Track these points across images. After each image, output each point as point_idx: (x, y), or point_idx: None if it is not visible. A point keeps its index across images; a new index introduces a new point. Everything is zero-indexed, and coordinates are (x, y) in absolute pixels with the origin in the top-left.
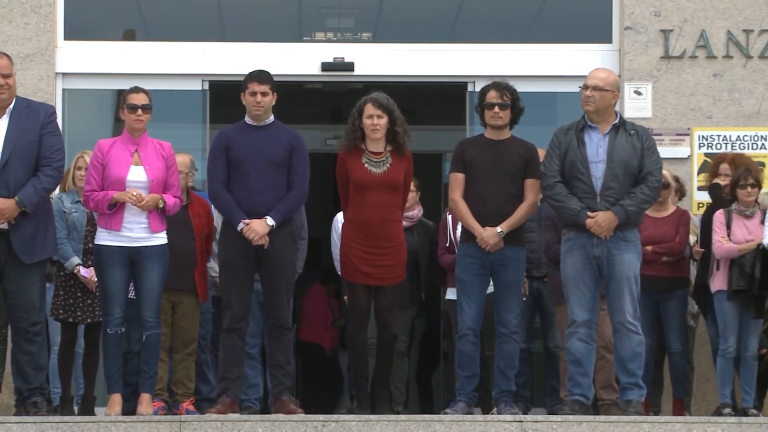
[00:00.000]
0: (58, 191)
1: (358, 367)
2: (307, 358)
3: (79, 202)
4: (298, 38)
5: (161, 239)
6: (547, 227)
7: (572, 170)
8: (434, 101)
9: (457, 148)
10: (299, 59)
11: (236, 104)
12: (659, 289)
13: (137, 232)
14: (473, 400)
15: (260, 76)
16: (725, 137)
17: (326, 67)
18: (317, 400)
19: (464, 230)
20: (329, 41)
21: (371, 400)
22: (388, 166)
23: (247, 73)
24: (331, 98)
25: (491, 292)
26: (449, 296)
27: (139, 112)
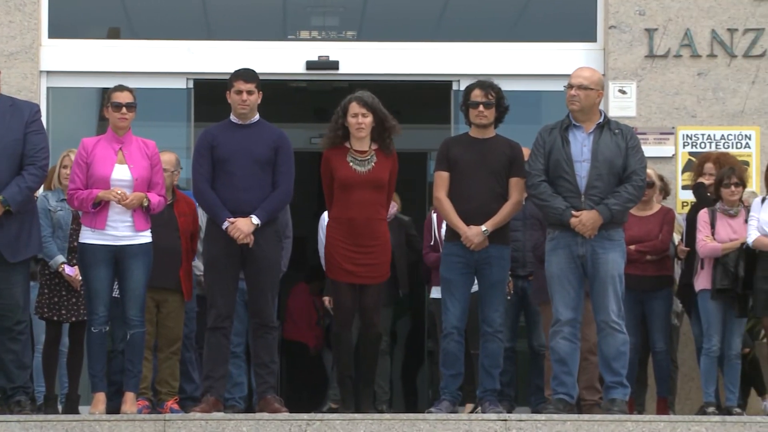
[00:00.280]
0: (42, 189)
1: (342, 366)
2: (291, 356)
3: (64, 200)
4: (282, 37)
5: (146, 238)
6: (533, 226)
7: (557, 169)
8: (419, 100)
9: (441, 146)
10: (284, 58)
11: (221, 103)
12: (643, 288)
13: (121, 230)
14: (457, 398)
15: (246, 74)
16: (709, 136)
17: (311, 65)
18: (302, 398)
19: (449, 229)
20: (314, 40)
21: (356, 398)
22: (373, 164)
23: (232, 71)
24: (315, 97)
25: (476, 290)
26: (434, 295)
27: (123, 110)
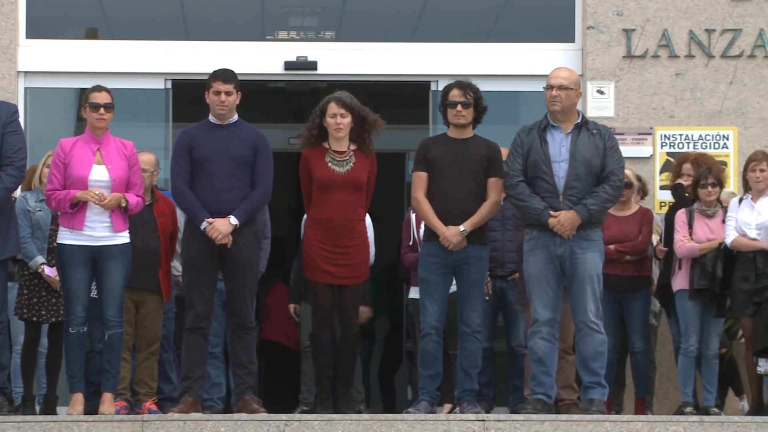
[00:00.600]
0: (21, 190)
1: (320, 366)
2: (270, 357)
3: (43, 200)
4: (261, 37)
5: (124, 238)
6: (517, 226)
7: (535, 169)
8: (397, 100)
9: (420, 146)
10: (262, 58)
11: (199, 103)
12: (622, 288)
13: (99, 231)
14: (436, 399)
15: (224, 75)
16: (687, 136)
17: (289, 66)
18: (280, 399)
19: (427, 229)
20: (292, 40)
21: (334, 399)
22: (351, 165)
23: (210, 71)
24: (294, 97)
25: (454, 291)
26: (412, 295)
27: (101, 110)
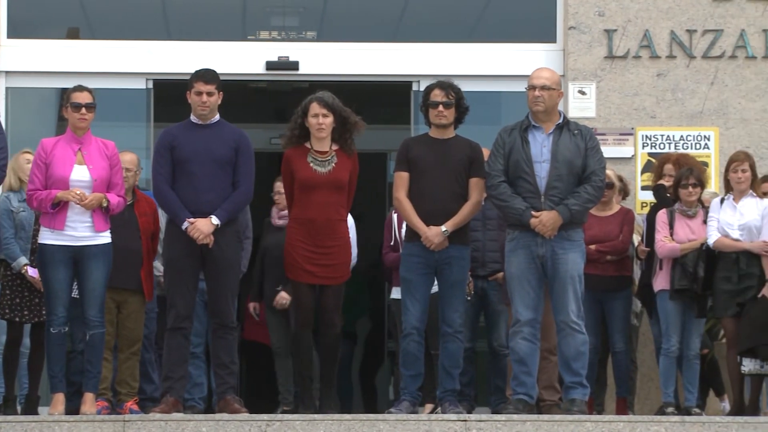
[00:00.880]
0: (3, 190)
1: (302, 366)
2: (251, 357)
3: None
4: (242, 37)
5: (105, 238)
6: (500, 226)
7: (516, 170)
8: (379, 100)
9: (401, 147)
10: (244, 58)
11: (181, 103)
12: (603, 288)
13: (81, 231)
14: (417, 399)
15: (206, 75)
16: (669, 137)
17: (271, 66)
18: (261, 399)
19: (409, 229)
20: (274, 40)
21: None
22: (333, 165)
23: (191, 71)
24: (275, 97)
25: (436, 291)
26: (394, 295)
27: (83, 110)
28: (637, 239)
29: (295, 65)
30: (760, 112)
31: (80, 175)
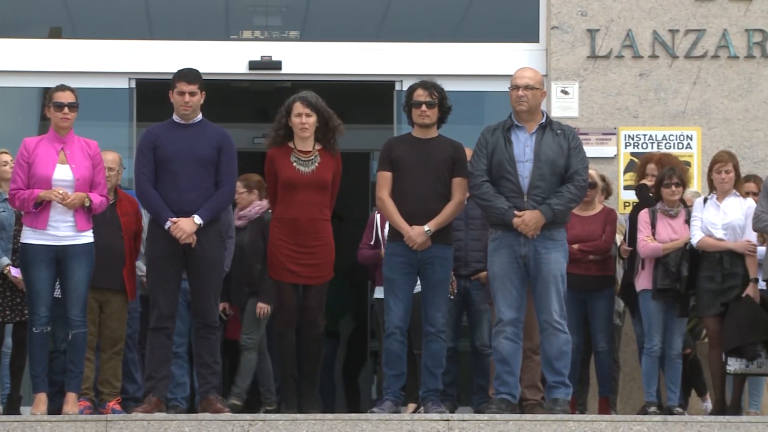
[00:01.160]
0: None
1: (285, 366)
2: (234, 357)
3: (7, 200)
4: (225, 37)
5: (87, 238)
6: (483, 225)
7: (499, 169)
8: (362, 100)
9: (384, 146)
10: (226, 58)
11: (163, 102)
12: (586, 288)
13: (63, 230)
14: (400, 399)
15: (189, 75)
16: (651, 137)
17: (254, 65)
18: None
19: (392, 229)
20: (257, 40)
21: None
22: (316, 165)
23: (174, 71)
24: (258, 97)
25: (419, 291)
26: (377, 295)
27: (65, 110)
28: (619, 239)
29: (278, 65)
30: (742, 111)
31: (63, 174)
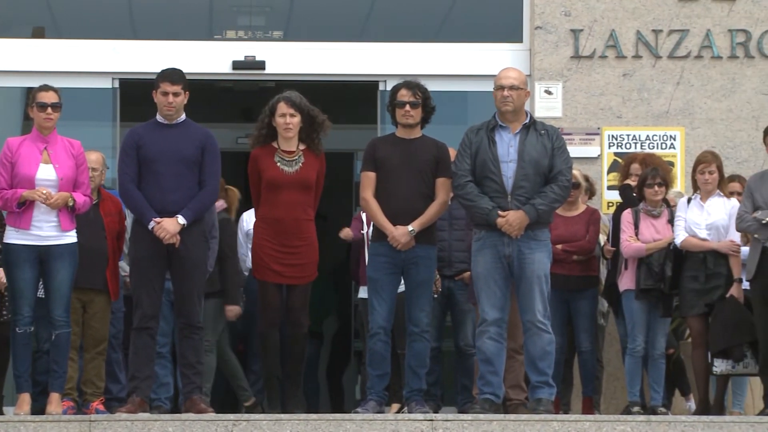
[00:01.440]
0: None
1: (269, 366)
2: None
3: None
4: (209, 36)
5: (71, 238)
6: (468, 225)
7: (483, 169)
8: (345, 100)
9: (368, 146)
10: (210, 57)
11: (147, 102)
12: (569, 288)
13: (47, 230)
14: (384, 398)
15: (172, 75)
16: (635, 137)
17: (237, 65)
18: (228, 399)
19: (376, 229)
20: (240, 39)
21: (266, 398)
22: (300, 165)
23: (158, 71)
24: (242, 97)
25: (403, 291)
26: (361, 295)
27: (48, 110)
28: (603, 239)
29: (261, 65)
30: (725, 112)
31: (46, 174)
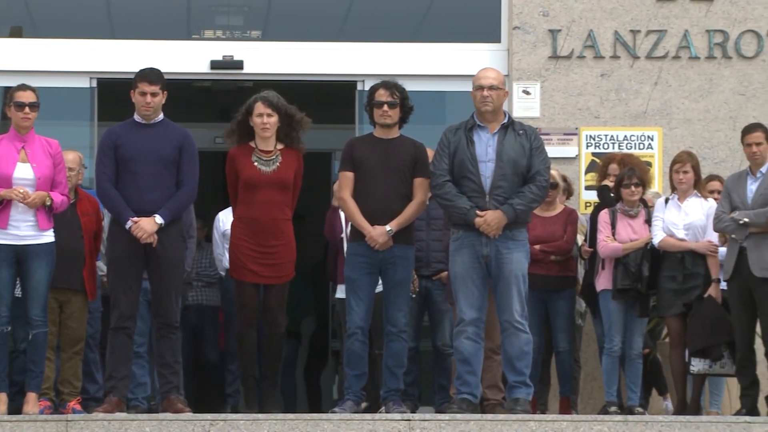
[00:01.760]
0: None
1: (246, 365)
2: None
3: None
4: (186, 36)
5: (48, 237)
6: (446, 225)
7: (461, 169)
8: (323, 100)
9: (346, 146)
10: (188, 57)
11: (125, 102)
12: (547, 288)
13: (24, 230)
14: (361, 398)
15: (150, 75)
16: (612, 137)
17: (215, 65)
18: (206, 399)
19: (353, 229)
20: (218, 39)
21: (259, 398)
22: (278, 164)
23: (135, 70)
24: (220, 96)
25: (381, 291)
26: (339, 295)
27: (26, 110)
28: (581, 239)
29: (239, 64)
30: (703, 112)
31: (23, 173)
